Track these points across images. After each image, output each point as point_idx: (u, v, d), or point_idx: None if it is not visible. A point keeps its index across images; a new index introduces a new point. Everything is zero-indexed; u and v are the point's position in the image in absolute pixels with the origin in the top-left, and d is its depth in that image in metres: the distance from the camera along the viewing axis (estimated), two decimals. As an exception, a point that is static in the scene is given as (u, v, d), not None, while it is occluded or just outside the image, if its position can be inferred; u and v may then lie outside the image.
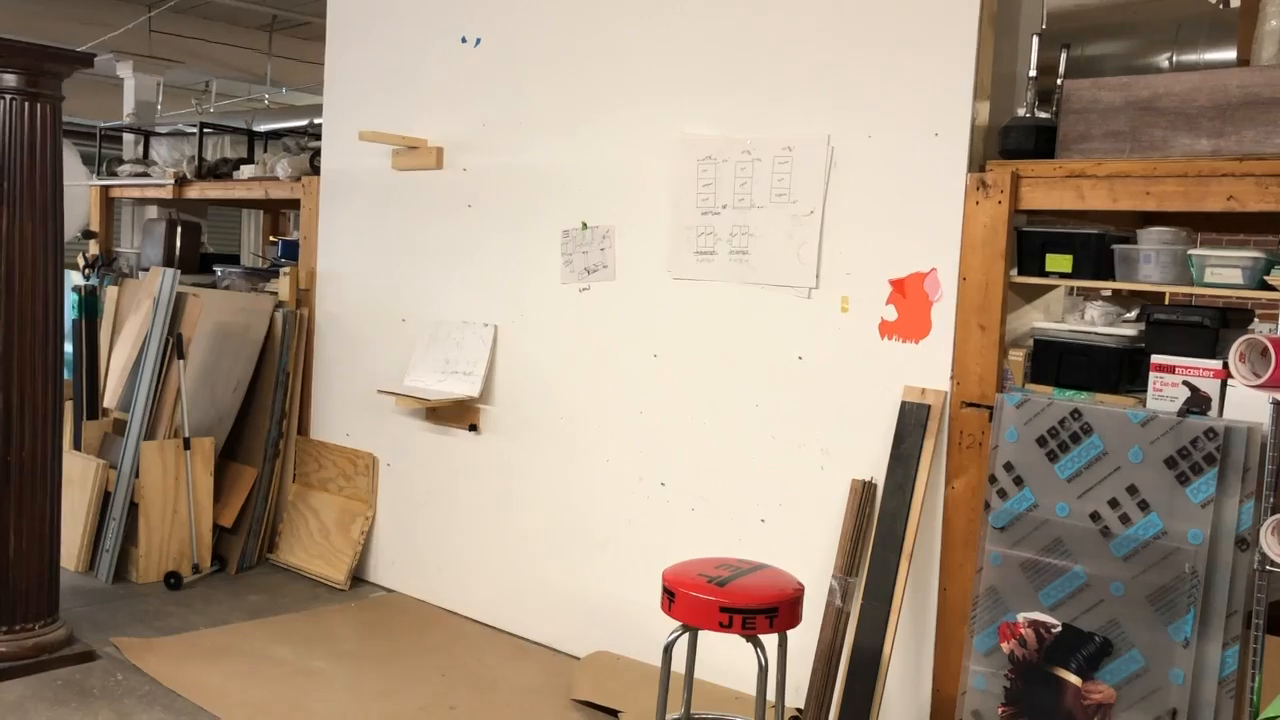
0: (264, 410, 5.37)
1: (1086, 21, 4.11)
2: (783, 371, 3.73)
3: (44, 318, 3.91)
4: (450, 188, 4.84)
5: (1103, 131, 3.13)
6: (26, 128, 3.83)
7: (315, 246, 5.52)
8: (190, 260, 6.63)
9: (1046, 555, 3.05)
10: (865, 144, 3.53)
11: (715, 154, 3.89)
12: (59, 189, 3.96)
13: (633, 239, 4.16)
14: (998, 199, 3.23)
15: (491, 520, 4.67)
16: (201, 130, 6.63)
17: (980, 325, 3.28)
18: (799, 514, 3.69)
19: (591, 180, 4.29)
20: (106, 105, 9.04)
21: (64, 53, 3.98)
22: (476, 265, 4.74)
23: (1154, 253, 3.05)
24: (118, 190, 7.17)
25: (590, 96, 4.30)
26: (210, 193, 6.41)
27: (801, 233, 3.67)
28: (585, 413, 4.32)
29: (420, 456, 4.97)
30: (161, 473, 5.01)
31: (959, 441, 3.33)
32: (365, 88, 5.24)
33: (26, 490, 3.93)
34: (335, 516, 5.25)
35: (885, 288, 3.49)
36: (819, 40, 3.64)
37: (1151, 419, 2.89)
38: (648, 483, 4.11)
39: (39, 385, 3.92)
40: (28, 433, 3.91)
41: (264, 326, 5.39)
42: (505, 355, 4.63)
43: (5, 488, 3.89)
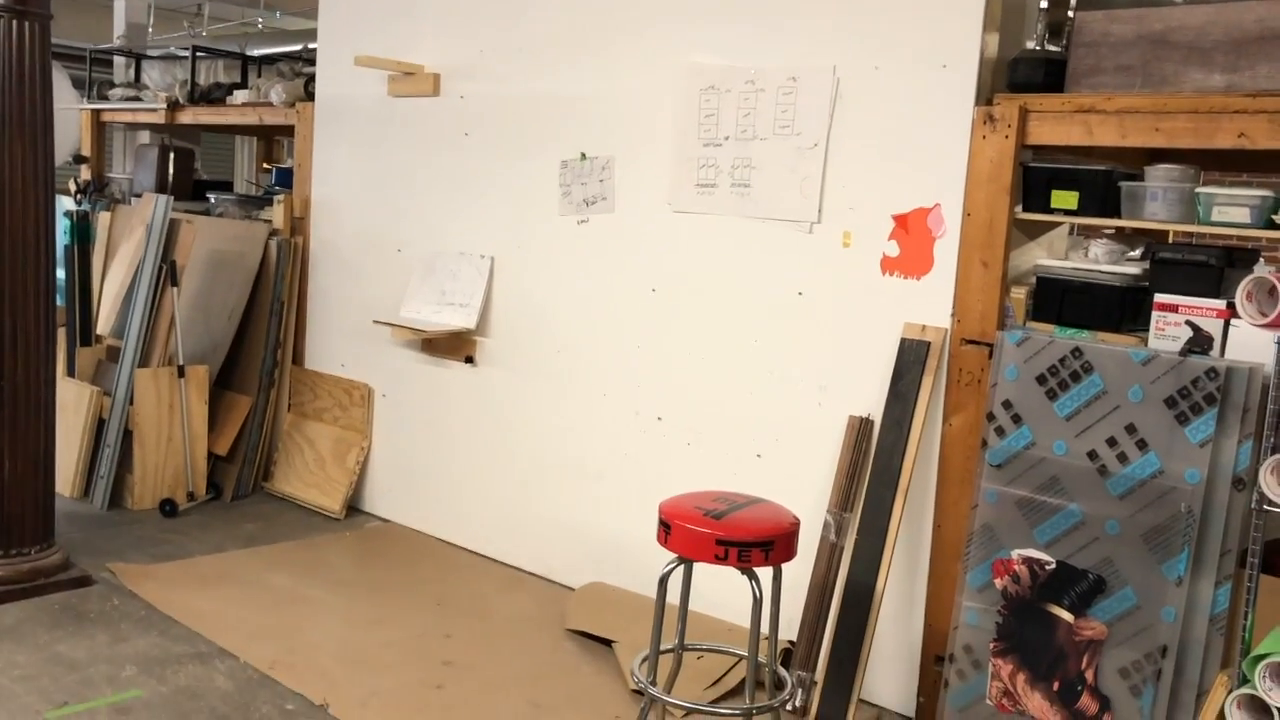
0: (259, 339, 5.34)
1: (1099, -48, 4.02)
2: (782, 307, 3.71)
3: (35, 243, 3.87)
4: (447, 116, 4.76)
5: (1113, 65, 3.07)
6: (14, 47, 3.74)
7: (310, 174, 5.45)
8: (183, 186, 6.54)
9: (1043, 493, 3.05)
10: (871, 75, 3.47)
11: (718, 84, 3.82)
12: (49, 111, 3.89)
13: (633, 170, 4.10)
14: (1004, 133, 3.18)
15: (487, 452, 4.67)
16: (194, 54, 6.51)
17: (983, 262, 3.25)
18: (795, 449, 3.69)
19: (591, 110, 4.22)
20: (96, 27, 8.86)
21: (52, -31, 3.88)
22: (473, 195, 4.68)
23: (1161, 190, 3.01)
24: (109, 114, 7.06)
25: (591, 23, 4.21)
26: (203, 118, 6.31)
27: (804, 166, 3.62)
28: (582, 346, 4.30)
29: (416, 388, 4.96)
30: (156, 400, 4.99)
31: (958, 379, 3.32)
32: (361, 12, 5.13)
33: (20, 416, 3.91)
34: (330, 446, 5.25)
35: (888, 223, 3.45)
36: (826, -33, 3.55)
37: (1153, 358, 2.87)
38: (644, 417, 4.10)
39: (31, 311, 3.88)
40: (20, 359, 3.88)
41: (258, 254, 5.34)
42: (502, 287, 4.59)
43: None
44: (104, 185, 6.69)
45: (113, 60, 7.80)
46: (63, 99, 6.16)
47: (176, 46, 7.37)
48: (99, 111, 7.08)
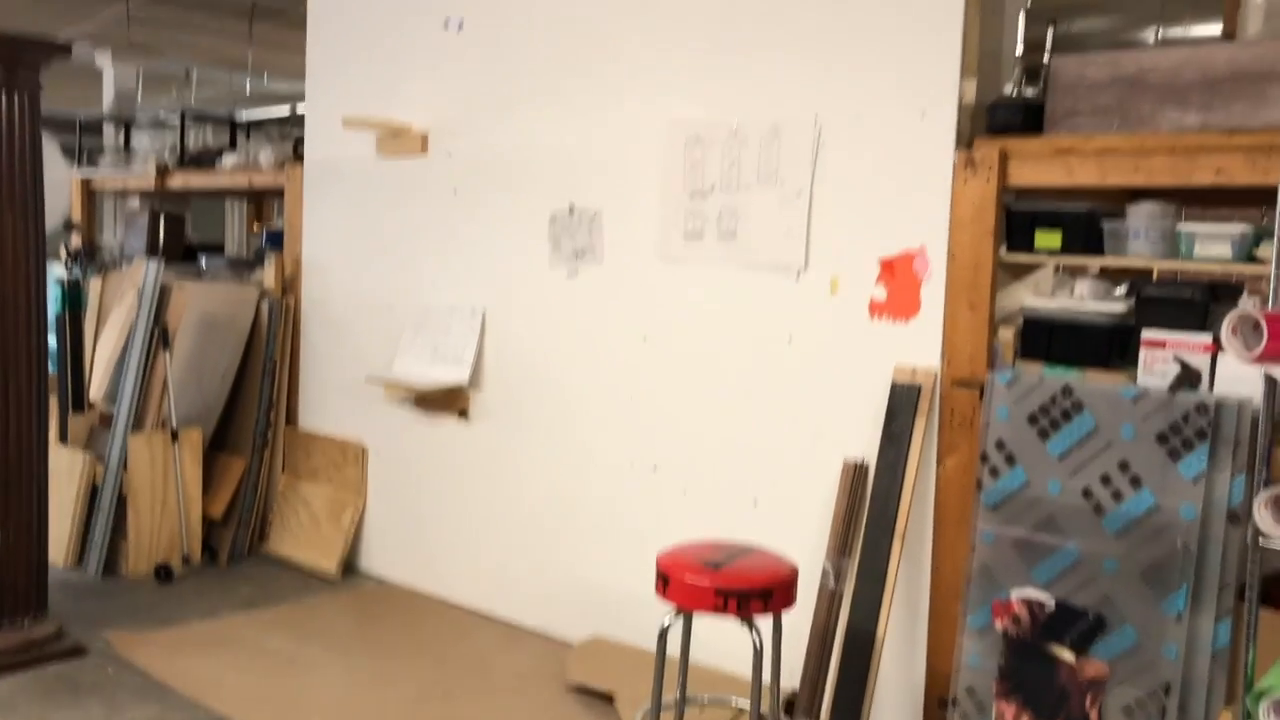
0: (251, 400, 5.34)
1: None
2: (773, 353, 3.72)
3: (27, 311, 3.88)
4: (435, 173, 4.80)
5: (1090, 107, 3.12)
6: (5, 119, 3.78)
7: (300, 234, 5.48)
8: (174, 251, 6.57)
9: (1039, 533, 3.05)
10: (852, 123, 3.51)
11: (703, 135, 3.87)
12: (39, 181, 3.92)
13: (620, 222, 4.14)
14: (986, 176, 3.22)
15: (482, 507, 4.66)
16: (183, 119, 6.57)
17: (970, 304, 3.27)
18: (791, 495, 3.68)
19: (578, 163, 4.27)
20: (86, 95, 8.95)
21: (42, 42, 3.92)
22: (463, 251, 4.71)
23: (1143, 228, 3.05)
24: (99, 181, 7.11)
25: (576, 79, 4.26)
26: (193, 182, 6.36)
27: (790, 214, 3.66)
28: (575, 397, 4.31)
29: (409, 444, 4.95)
30: (149, 465, 4.98)
31: (950, 420, 3.33)
32: (348, 74, 5.20)
33: (13, 485, 3.90)
34: (325, 506, 5.23)
35: (875, 267, 3.48)
36: (805, 20, 3.61)
37: (1143, 395, 2.89)
38: (639, 466, 4.10)
39: (23, 380, 3.89)
40: (13, 428, 3.87)
41: (250, 316, 5.35)
42: (494, 341, 4.61)
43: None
44: (95, 252, 6.71)
45: (102, 127, 7.87)
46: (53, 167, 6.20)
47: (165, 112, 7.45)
48: (89, 179, 7.13)
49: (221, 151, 6.29)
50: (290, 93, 8.03)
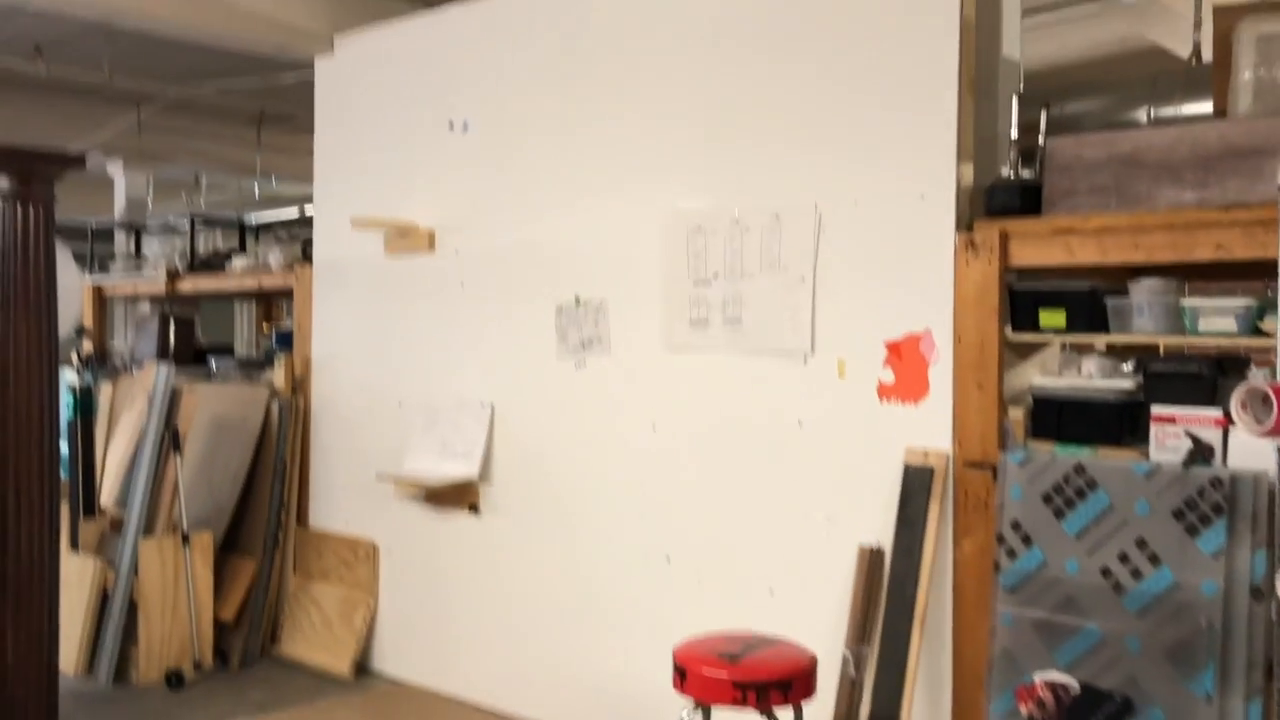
0: (262, 501, 5.33)
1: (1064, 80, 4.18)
2: (783, 438, 3.72)
3: (39, 419, 3.89)
4: (443, 269, 4.86)
5: (1087, 187, 3.16)
6: (19, 230, 3.84)
7: (309, 334, 5.53)
8: (184, 354, 6.62)
9: (1059, 614, 3.01)
10: (852, 209, 3.56)
11: (705, 225, 3.92)
12: (52, 289, 3.97)
13: (626, 311, 4.17)
14: (987, 258, 3.25)
15: (496, 602, 4.61)
16: (193, 224, 6.68)
17: (978, 384, 3.28)
18: (808, 583, 3.65)
19: (583, 255, 4.32)
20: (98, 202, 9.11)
21: (56, 155, 4.00)
22: (471, 345, 4.74)
23: (1146, 304, 3.07)
24: (111, 287, 7.20)
25: (578, 173, 4.34)
26: (203, 285, 6.43)
27: (794, 299, 3.68)
28: (586, 488, 4.29)
29: (421, 541, 4.92)
30: (160, 570, 4.95)
31: (964, 502, 3.31)
32: (355, 175, 5.29)
33: (24, 597, 3.87)
34: (337, 606, 5.18)
35: (881, 350, 3.49)
36: (802, 111, 3.68)
37: (1156, 471, 2.87)
38: (652, 557, 4.07)
39: (35, 488, 3.88)
40: (24, 537, 3.86)
41: (260, 417, 5.37)
42: (503, 434, 4.61)
43: (1, 594, 3.83)
44: (106, 357, 6.77)
45: (114, 234, 8.00)
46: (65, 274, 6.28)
47: (175, 217, 7.57)
48: (101, 285, 7.22)
49: (231, 254, 6.38)
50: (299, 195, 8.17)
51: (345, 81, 5.39)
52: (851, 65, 3.56)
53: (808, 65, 3.67)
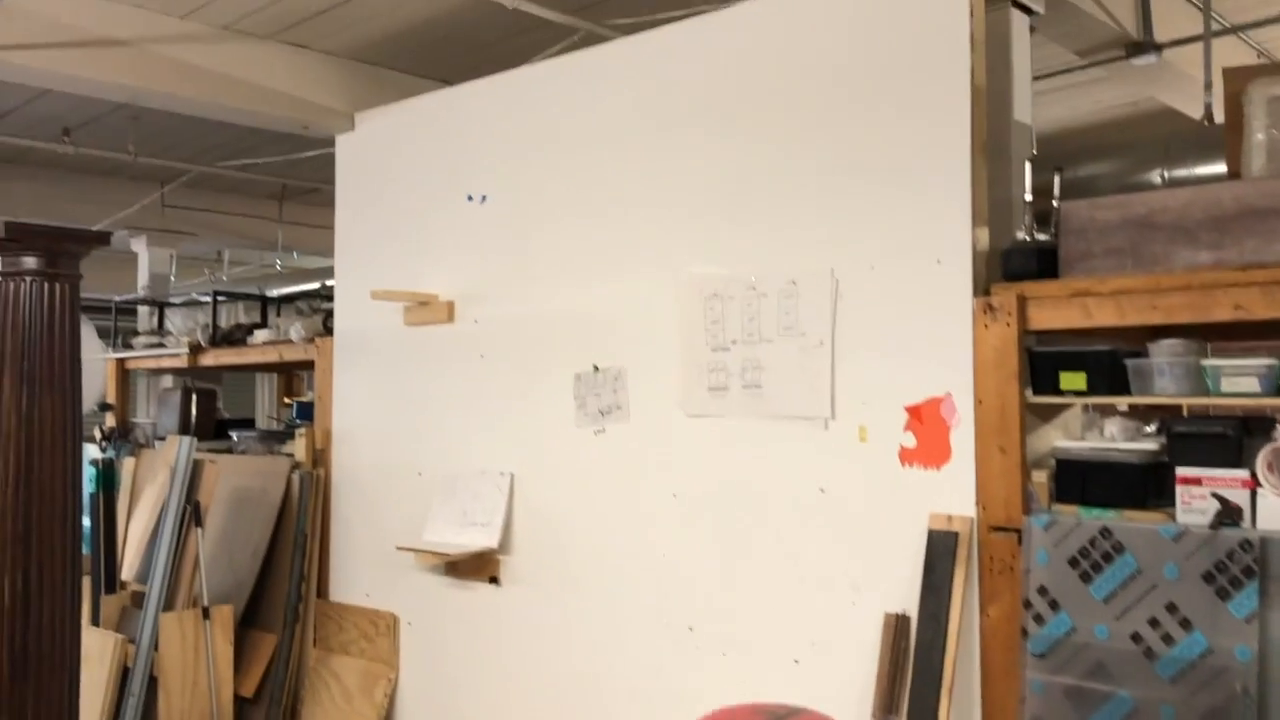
0: (283, 574, 5.32)
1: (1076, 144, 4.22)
2: (805, 505, 3.70)
3: (63, 494, 3.91)
4: (462, 339, 4.89)
5: (1103, 249, 3.17)
6: (45, 307, 3.90)
7: (330, 406, 5.56)
8: (206, 427, 6.66)
9: (1090, 680, 2.96)
10: (869, 274, 3.57)
11: (721, 291, 3.94)
12: (77, 365, 4.01)
13: (645, 378, 4.18)
14: (1005, 321, 3.25)
15: (517, 675, 4.57)
16: (215, 298, 6.75)
17: (1000, 448, 3.26)
18: (833, 651, 3.60)
19: (601, 323, 4.34)
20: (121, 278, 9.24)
21: (81, 233, 4.08)
22: (491, 414, 4.75)
23: (1167, 365, 3.05)
24: (134, 361, 7.27)
25: (596, 243, 4.38)
26: (225, 359, 6.49)
27: (813, 364, 3.69)
28: (606, 557, 4.27)
29: (441, 613, 4.89)
30: (181, 645, 4.93)
31: (990, 567, 3.27)
32: (375, 248, 5.36)
33: (45, 672, 3.85)
34: (357, 681, 5.14)
35: (902, 415, 3.48)
36: (816, 177, 3.72)
37: (1183, 533, 2.84)
38: (675, 627, 4.03)
39: (57, 564, 3.89)
40: (46, 612, 3.86)
41: (281, 489, 5.38)
42: (523, 503, 4.60)
43: (24, 672, 3.82)
44: (129, 431, 6.81)
45: (137, 309, 8.09)
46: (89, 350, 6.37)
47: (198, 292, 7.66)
48: (124, 359, 7.29)
49: (253, 328, 6.44)
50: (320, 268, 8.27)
51: (365, 156, 5.48)
52: (865, 132, 3.61)
53: (822, 132, 3.71)
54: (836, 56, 3.69)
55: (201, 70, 5.06)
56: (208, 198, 8.54)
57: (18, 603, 3.80)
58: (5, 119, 6.58)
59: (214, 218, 8.62)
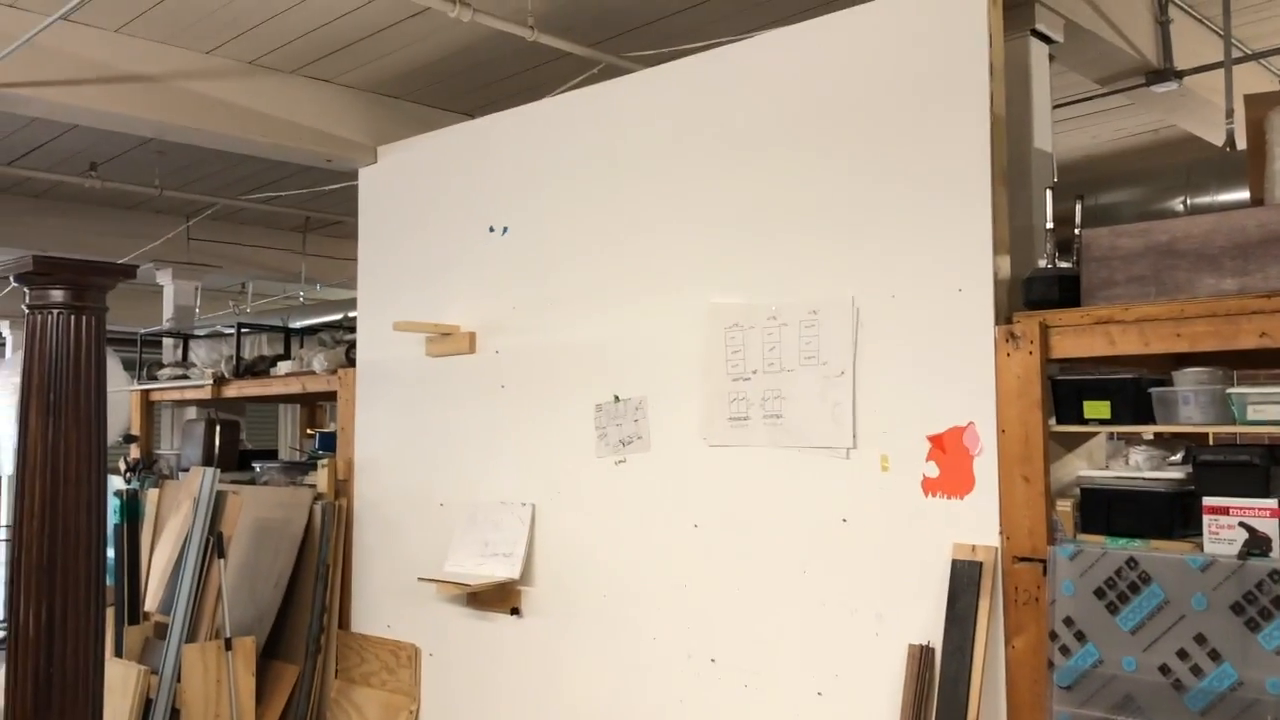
0: (304, 605, 5.32)
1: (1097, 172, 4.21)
2: (827, 535, 3.68)
3: (87, 526, 3.93)
4: (483, 370, 4.90)
5: (1126, 277, 3.15)
6: (72, 340, 3.93)
7: (352, 437, 5.58)
8: (229, 458, 6.70)
9: (1118, 713, 2.92)
10: (890, 303, 3.57)
11: (742, 321, 3.94)
12: (103, 397, 4.04)
13: (666, 409, 4.17)
14: (1028, 350, 3.23)
15: (538, 707, 4.54)
16: (239, 330, 6.80)
17: (1024, 477, 3.23)
18: (857, 683, 3.57)
19: (621, 354, 4.35)
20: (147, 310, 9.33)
21: (107, 266, 4.12)
22: (512, 445, 4.75)
23: (1192, 394, 3.03)
24: (158, 393, 7.32)
25: (615, 273, 4.39)
26: (248, 390, 6.53)
27: (834, 393, 3.68)
28: (628, 588, 4.25)
29: (463, 644, 4.88)
30: (203, 676, 4.94)
31: (1015, 598, 3.24)
32: (397, 280, 5.39)
33: (69, 704, 3.86)
34: (378, 713, 5.12)
35: (924, 444, 3.46)
36: (836, 207, 3.72)
37: (1211, 563, 2.81)
38: (697, 659, 4.00)
39: (81, 596, 3.90)
40: (70, 644, 3.87)
41: (303, 520, 5.39)
42: (544, 533, 4.59)
43: (48, 703, 3.83)
44: (153, 462, 6.85)
45: (161, 341, 8.16)
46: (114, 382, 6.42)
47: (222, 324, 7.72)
48: (148, 391, 7.35)
49: (276, 359, 6.48)
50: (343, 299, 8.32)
51: (387, 189, 5.53)
52: (885, 161, 3.61)
53: (841, 162, 3.72)
54: (856, 86, 3.70)
55: (226, 105, 5.12)
56: (232, 231, 8.64)
57: (42, 633, 3.81)
58: (33, 154, 6.67)
59: (238, 250, 8.70)
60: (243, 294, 10.61)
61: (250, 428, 7.85)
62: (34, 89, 4.61)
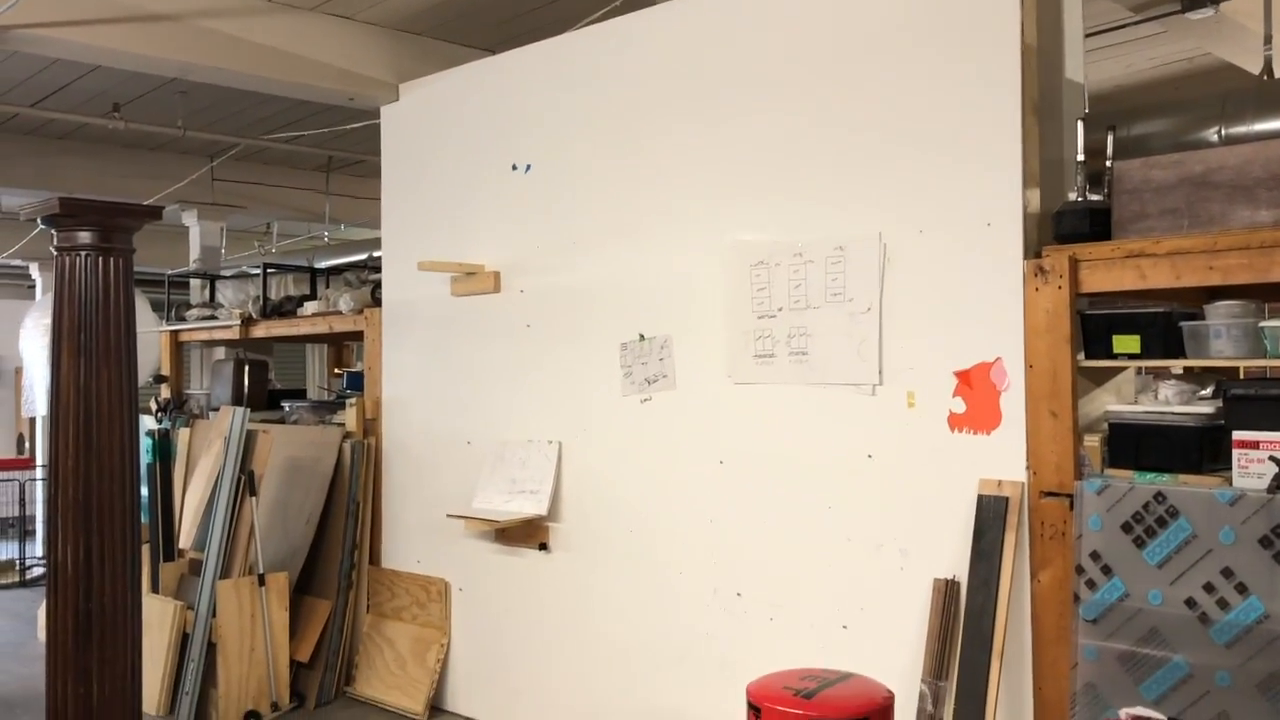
0: (336, 541, 5.40)
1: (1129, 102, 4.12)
2: (853, 471, 3.68)
3: (120, 464, 3.99)
4: (508, 309, 4.91)
5: (1158, 209, 3.10)
6: (100, 281, 3.96)
7: (379, 376, 5.61)
8: (258, 397, 6.75)
9: (1144, 646, 2.93)
10: (918, 239, 3.53)
11: (767, 258, 3.92)
12: (132, 337, 4.08)
13: (691, 347, 4.17)
14: (1057, 284, 3.20)
15: (567, 640, 4.61)
16: (265, 271, 6.82)
17: (1052, 412, 3.22)
18: (882, 617, 3.59)
19: (646, 292, 4.34)
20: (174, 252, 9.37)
21: (134, 208, 4.14)
22: (538, 383, 4.77)
23: (1224, 327, 2.99)
24: (187, 334, 7.38)
25: (640, 211, 4.37)
26: (276, 330, 6.57)
27: (860, 330, 3.66)
28: (654, 524, 4.28)
29: (492, 579, 4.95)
30: (238, 611, 5.03)
31: (1041, 533, 3.25)
32: (421, 219, 5.38)
33: (108, 638, 3.95)
34: (410, 645, 5.22)
35: (951, 380, 3.45)
36: (864, 142, 3.68)
37: (1240, 497, 2.80)
38: (723, 593, 4.04)
39: (117, 532, 3.97)
40: (108, 580, 3.95)
41: (333, 458, 5.45)
42: (570, 471, 4.63)
43: (87, 636, 3.92)
44: (183, 402, 6.93)
45: (189, 282, 8.21)
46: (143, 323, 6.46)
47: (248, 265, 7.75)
48: (177, 332, 7.41)
49: (303, 300, 6.50)
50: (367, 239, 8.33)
51: (410, 127, 5.50)
52: (913, 94, 3.55)
53: (869, 95, 3.67)
54: (883, 18, 3.64)
55: (248, 44, 5.09)
56: (256, 171, 8.63)
57: (80, 569, 3.89)
58: (56, 95, 6.67)
59: (262, 190, 8.70)
60: (267, 234, 10.63)
61: (278, 367, 7.91)
62: (56, 29, 4.59)
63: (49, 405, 4.01)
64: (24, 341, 7.84)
